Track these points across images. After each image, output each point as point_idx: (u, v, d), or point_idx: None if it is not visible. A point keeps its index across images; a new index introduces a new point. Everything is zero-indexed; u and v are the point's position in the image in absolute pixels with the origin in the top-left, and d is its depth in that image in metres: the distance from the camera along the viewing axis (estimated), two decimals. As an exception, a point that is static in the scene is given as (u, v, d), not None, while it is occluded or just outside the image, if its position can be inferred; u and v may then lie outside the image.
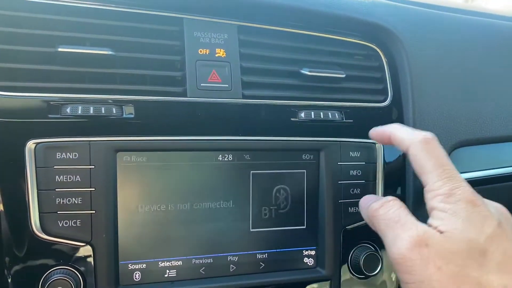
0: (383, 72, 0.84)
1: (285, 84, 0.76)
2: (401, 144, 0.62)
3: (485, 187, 0.88)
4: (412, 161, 0.60)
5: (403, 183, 0.81)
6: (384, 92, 0.82)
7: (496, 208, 0.58)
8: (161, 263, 0.68)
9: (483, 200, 0.56)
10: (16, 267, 0.61)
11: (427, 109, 0.83)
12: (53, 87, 0.64)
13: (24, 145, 0.62)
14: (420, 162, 0.59)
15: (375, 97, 0.81)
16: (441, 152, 0.59)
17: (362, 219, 0.75)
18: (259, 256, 0.73)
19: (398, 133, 0.63)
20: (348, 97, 0.79)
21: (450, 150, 0.84)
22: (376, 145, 0.79)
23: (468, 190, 0.56)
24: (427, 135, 0.60)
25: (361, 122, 0.79)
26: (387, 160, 0.80)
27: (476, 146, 0.88)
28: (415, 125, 0.81)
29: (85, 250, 0.64)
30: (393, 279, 0.80)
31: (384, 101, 0.82)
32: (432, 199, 0.57)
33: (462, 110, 0.86)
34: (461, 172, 0.85)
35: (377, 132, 0.67)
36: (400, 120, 0.82)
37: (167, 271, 0.68)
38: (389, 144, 0.65)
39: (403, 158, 0.81)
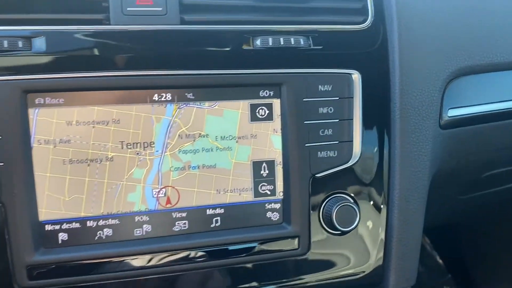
0: (363, -13, 0.69)
1: (235, 5, 0.63)
2: None
3: (488, 125, 0.73)
4: None
5: (387, 121, 0.67)
6: (363, 11, 0.67)
7: None
8: (90, 222, 0.58)
9: None
10: None
11: (417, 30, 0.68)
12: None
13: None
14: None
15: (351, 18, 0.67)
16: None
17: (334, 165, 0.65)
18: (210, 211, 0.62)
19: None
20: (317, 18, 0.65)
21: (447, 80, 0.69)
22: (353, 76, 0.65)
23: None
24: None
25: (333, 49, 0.65)
26: (367, 94, 0.66)
27: (481, 75, 0.72)
28: (402, 51, 0.67)
29: (-5, 209, 0.55)
30: (376, 235, 0.68)
31: (363, 22, 0.67)
32: None
33: (462, 30, 0.70)
34: (462, 107, 0.71)
35: None
36: (384, 45, 0.67)
37: (99, 231, 0.59)
38: None
39: (388, 92, 0.68)
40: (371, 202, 0.67)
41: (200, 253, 0.62)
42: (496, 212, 1.32)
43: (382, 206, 0.68)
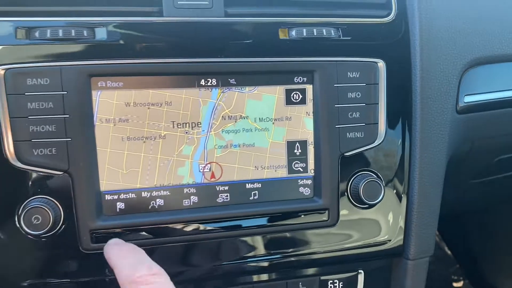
0: (386, -16, 0.75)
1: (273, -1, 0.69)
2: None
3: (500, 111, 0.79)
4: None
5: (409, 106, 0.74)
6: (387, 6, 0.74)
7: None
8: (144, 193, 0.65)
9: None
10: (-7, 197, 0.60)
11: (436, 23, 0.74)
12: (21, 11, 0.61)
13: (-7, 72, 0.59)
14: None
15: (377, 12, 0.73)
16: None
17: (361, 145, 0.71)
18: (249, 185, 0.69)
19: (118, 264, 0.55)
20: (346, 12, 0.72)
21: (464, 69, 0.76)
22: (379, 64, 0.72)
23: None
24: (146, 273, 0.52)
25: (361, 40, 0.72)
26: (391, 81, 0.72)
27: (495, 64, 0.78)
28: (422, 42, 0.73)
29: (63, 179, 0.61)
30: (399, 209, 0.75)
31: (387, 16, 0.73)
32: None
33: (478, 24, 0.76)
34: (477, 93, 0.78)
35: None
36: (406, 36, 0.74)
37: (152, 201, 0.66)
38: None
39: (410, 79, 0.74)
40: (394, 179, 0.74)
41: (240, 223, 0.69)
42: (505, 203, 1.38)
43: (404, 182, 0.74)
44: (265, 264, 0.71)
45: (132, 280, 0.50)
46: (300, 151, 0.71)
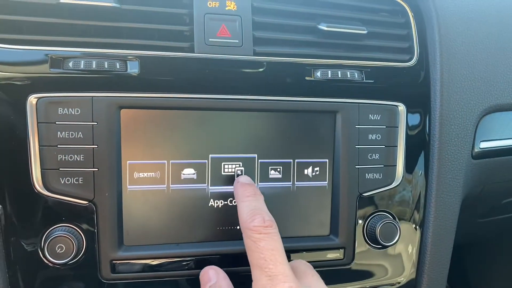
0: (410, 29, 0.77)
1: (300, 40, 0.71)
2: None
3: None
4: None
5: (427, 150, 0.75)
6: (409, 51, 0.76)
7: None
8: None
9: None
10: (18, 224, 0.60)
11: (456, 70, 0.76)
12: (56, 41, 0.62)
13: (25, 100, 0.60)
14: (248, 253, 0.58)
15: (399, 56, 0.75)
16: (270, 244, 0.56)
17: (379, 186, 0.72)
18: (269, 221, 0.70)
19: (239, 206, 0.61)
20: (370, 55, 0.73)
21: (481, 116, 0.77)
22: (399, 107, 0.73)
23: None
24: (259, 224, 0.57)
25: (383, 83, 0.73)
26: (410, 124, 0.74)
27: (510, 112, 0.81)
28: (443, 87, 0.75)
29: (88, 209, 0.62)
30: (412, 251, 0.76)
31: (409, 60, 0.75)
32: None
33: (496, 72, 0.78)
34: (492, 140, 0.79)
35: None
36: (427, 81, 0.76)
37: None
38: None
39: (429, 124, 0.76)
40: (410, 221, 0.75)
41: (257, 258, 0.69)
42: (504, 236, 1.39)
43: (419, 225, 0.76)
44: (280, 300, 0.72)
45: (248, 227, 0.58)
46: (319, 189, 0.72)
